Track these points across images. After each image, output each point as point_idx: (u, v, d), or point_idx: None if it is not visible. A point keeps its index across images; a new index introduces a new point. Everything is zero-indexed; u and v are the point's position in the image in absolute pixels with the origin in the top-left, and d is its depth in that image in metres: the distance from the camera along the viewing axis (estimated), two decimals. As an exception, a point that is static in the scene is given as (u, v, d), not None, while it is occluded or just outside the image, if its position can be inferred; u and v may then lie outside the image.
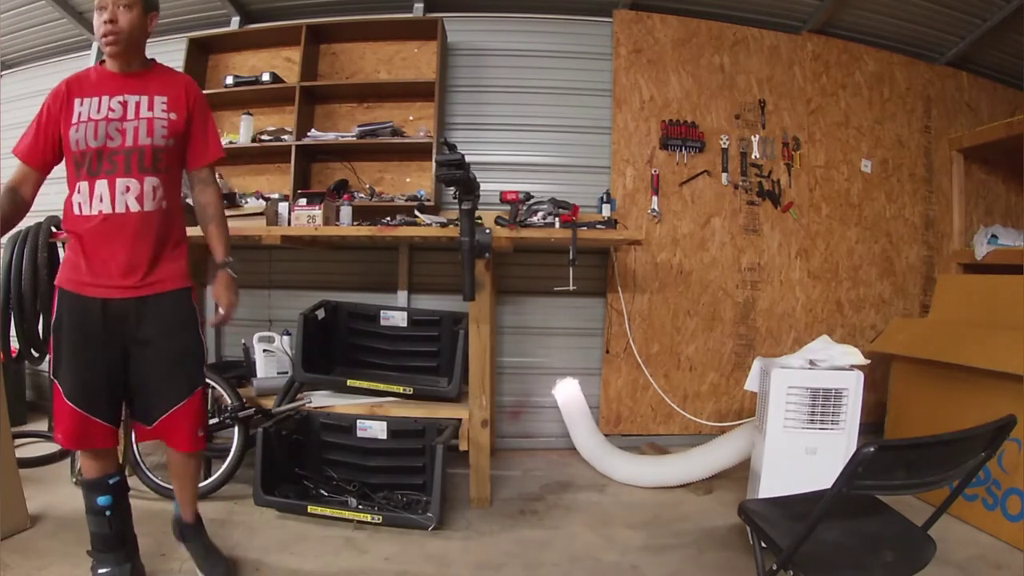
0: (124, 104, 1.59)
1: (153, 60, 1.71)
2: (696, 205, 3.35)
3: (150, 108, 1.61)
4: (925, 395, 2.66)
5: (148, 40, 1.69)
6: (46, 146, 1.60)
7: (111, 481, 1.68)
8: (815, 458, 1.99)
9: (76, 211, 1.59)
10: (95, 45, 3.61)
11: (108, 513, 1.67)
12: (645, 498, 2.63)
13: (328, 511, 2.22)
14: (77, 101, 1.59)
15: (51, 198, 1.88)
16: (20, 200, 1.59)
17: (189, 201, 1.87)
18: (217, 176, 1.92)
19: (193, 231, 1.80)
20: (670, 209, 3.33)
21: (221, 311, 1.74)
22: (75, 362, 1.59)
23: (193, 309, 1.72)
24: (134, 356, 1.63)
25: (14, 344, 2.81)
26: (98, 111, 1.57)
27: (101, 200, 1.56)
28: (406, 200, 3.12)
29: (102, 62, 1.67)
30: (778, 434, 2.03)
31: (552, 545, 2.15)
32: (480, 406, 2.44)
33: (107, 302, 1.58)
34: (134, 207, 1.58)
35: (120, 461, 1.77)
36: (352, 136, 3.14)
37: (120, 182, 1.57)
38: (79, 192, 1.58)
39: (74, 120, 1.57)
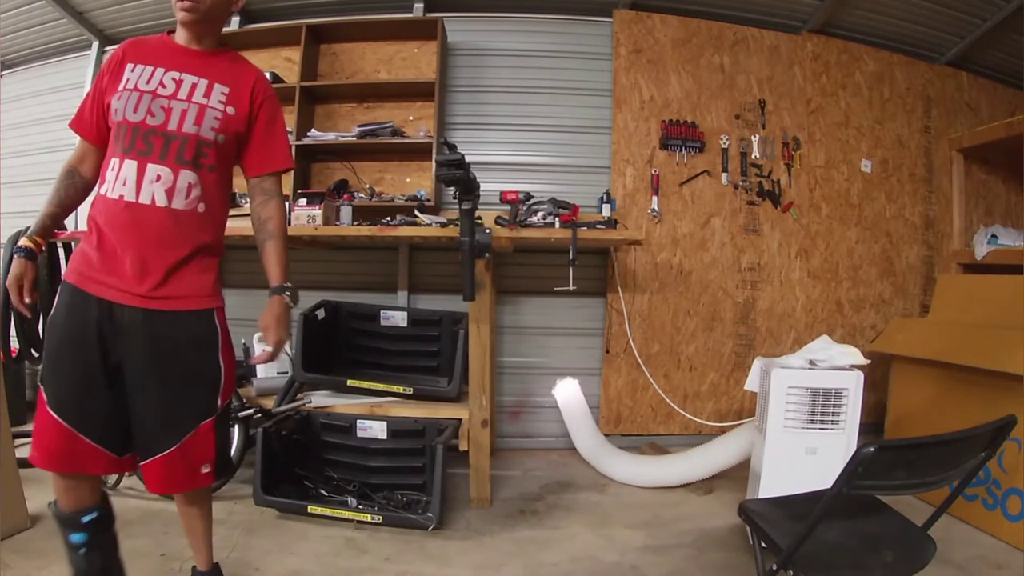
0: (179, 82, 1.39)
1: (227, 45, 1.53)
2: (696, 205, 3.35)
3: (206, 95, 1.40)
4: (925, 395, 2.66)
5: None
6: (99, 115, 1.42)
7: (85, 519, 1.39)
8: (815, 458, 1.99)
9: (103, 191, 1.38)
10: (95, 45, 3.61)
11: (82, 551, 1.41)
12: (645, 498, 2.63)
13: (328, 511, 2.22)
14: (129, 66, 1.39)
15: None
16: (80, 181, 1.45)
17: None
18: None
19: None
20: (670, 209, 3.33)
21: (268, 348, 1.45)
22: (66, 367, 1.34)
23: (216, 330, 1.46)
24: (131, 378, 1.37)
25: (14, 344, 2.82)
26: (148, 82, 1.37)
27: (125, 184, 1.34)
28: (406, 200, 3.12)
29: (171, 32, 1.47)
30: (778, 434, 2.03)
31: (552, 545, 2.16)
32: (480, 406, 2.44)
33: (114, 307, 1.34)
34: (161, 201, 1.35)
35: (104, 490, 1.48)
36: (352, 136, 3.14)
37: (151, 168, 1.35)
38: (111, 169, 1.37)
39: (120, 86, 1.38)
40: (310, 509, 2.22)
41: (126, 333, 1.35)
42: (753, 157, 3.39)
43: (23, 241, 1.42)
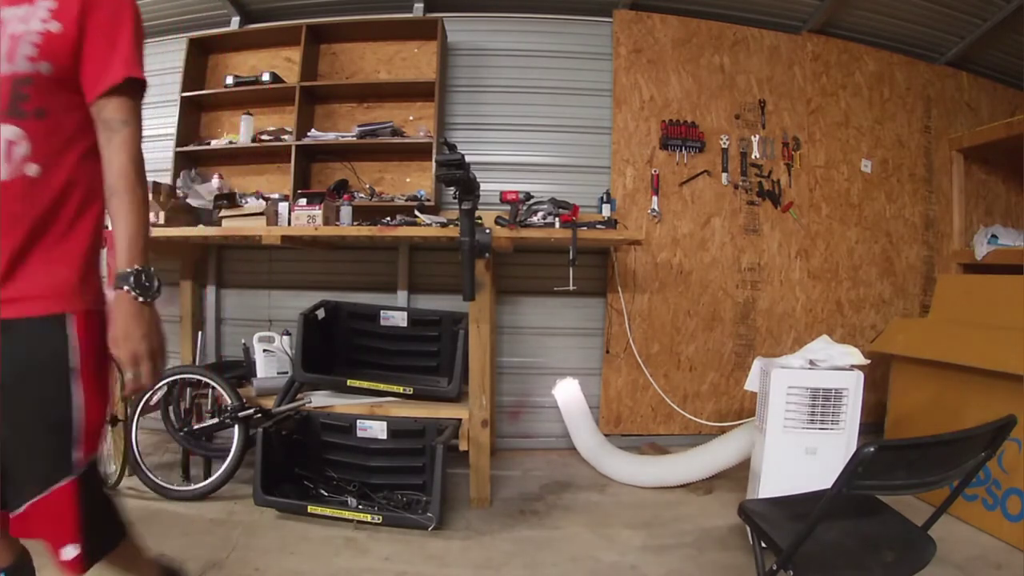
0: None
1: None
2: (696, 205, 3.35)
3: (24, 19, 1.00)
4: (925, 395, 2.66)
5: (146, 40, 1.16)
6: None
7: None
8: (815, 458, 1.99)
9: None
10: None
11: None
12: (645, 498, 2.63)
13: (328, 511, 2.22)
14: None
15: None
16: None
17: (192, 201, 1.42)
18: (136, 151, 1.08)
19: (193, 231, 1.47)
20: (670, 209, 3.33)
21: (127, 373, 0.99)
22: None
23: (65, 345, 1.00)
24: None
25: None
26: None
27: None
28: (406, 200, 3.12)
29: None
30: (778, 434, 2.03)
31: (552, 545, 2.15)
32: (480, 406, 2.44)
33: None
34: None
35: (23, 551, 1.09)
36: (352, 136, 3.14)
37: None
38: None
39: None
40: (310, 509, 2.22)
41: None
42: (753, 157, 3.39)
43: None
